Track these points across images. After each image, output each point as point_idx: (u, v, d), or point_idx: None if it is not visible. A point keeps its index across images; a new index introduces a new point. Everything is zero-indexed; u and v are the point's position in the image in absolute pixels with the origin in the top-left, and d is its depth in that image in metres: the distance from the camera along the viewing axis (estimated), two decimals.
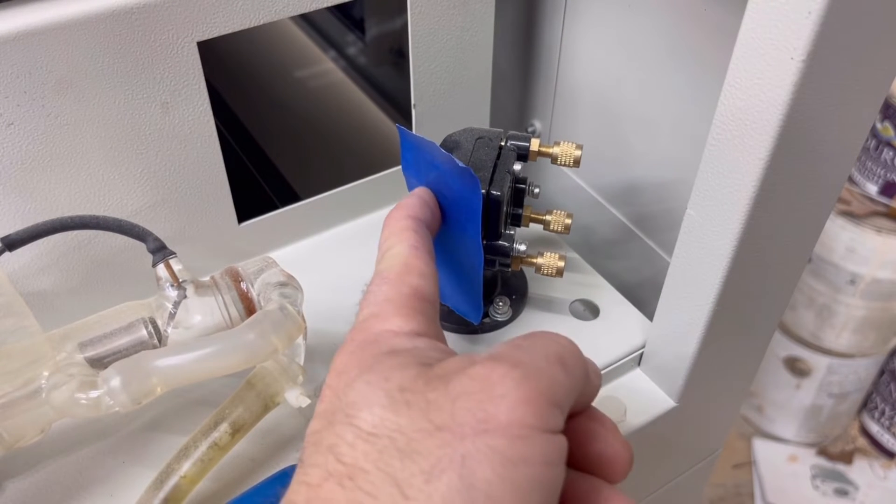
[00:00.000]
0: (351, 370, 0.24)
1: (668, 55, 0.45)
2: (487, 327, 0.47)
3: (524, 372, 0.22)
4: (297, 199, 0.52)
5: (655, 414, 0.45)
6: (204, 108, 0.43)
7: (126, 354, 0.37)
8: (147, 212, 0.45)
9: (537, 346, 0.24)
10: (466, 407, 0.22)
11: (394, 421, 0.22)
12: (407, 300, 0.28)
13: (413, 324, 0.27)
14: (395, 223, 0.32)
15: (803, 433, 1.26)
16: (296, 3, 0.42)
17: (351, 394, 0.23)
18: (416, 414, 0.22)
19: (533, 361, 0.23)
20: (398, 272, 0.29)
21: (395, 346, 0.25)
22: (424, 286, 0.28)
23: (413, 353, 0.25)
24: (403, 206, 0.33)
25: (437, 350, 0.26)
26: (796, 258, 0.42)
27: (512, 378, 0.22)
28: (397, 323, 0.27)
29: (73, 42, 0.37)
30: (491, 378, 0.22)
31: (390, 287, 0.28)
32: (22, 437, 0.36)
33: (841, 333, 1.13)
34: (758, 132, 0.32)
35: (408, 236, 0.31)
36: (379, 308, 0.27)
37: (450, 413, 0.22)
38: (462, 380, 0.22)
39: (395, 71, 0.64)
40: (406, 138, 0.38)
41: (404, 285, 0.28)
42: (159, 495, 0.36)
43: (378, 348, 0.25)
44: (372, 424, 0.22)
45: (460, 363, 0.23)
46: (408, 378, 0.23)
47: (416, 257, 0.30)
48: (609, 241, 0.55)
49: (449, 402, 0.22)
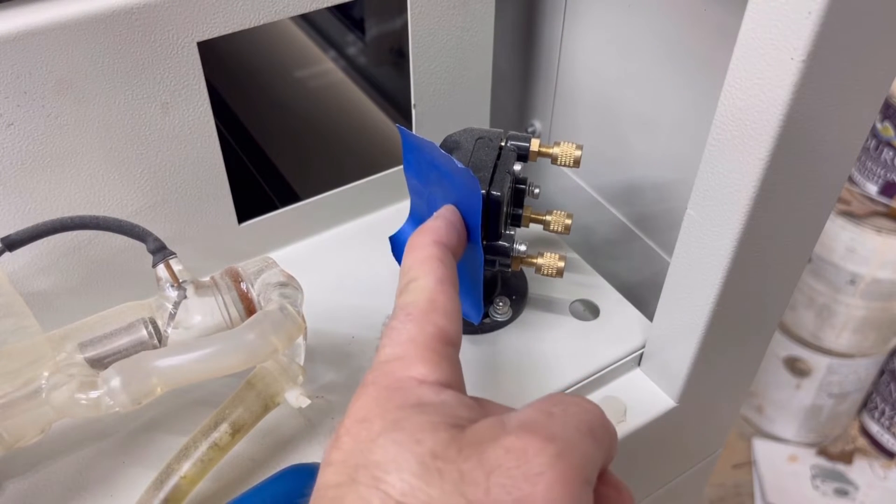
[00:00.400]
0: (374, 421, 0.23)
1: (669, 55, 0.45)
2: (487, 327, 0.47)
3: (559, 448, 0.22)
4: (297, 199, 0.52)
5: (655, 414, 0.45)
6: (204, 108, 0.43)
7: (126, 355, 0.37)
8: (147, 212, 0.45)
9: (569, 416, 0.24)
10: (501, 483, 0.21)
11: (425, 492, 0.21)
12: (432, 342, 0.26)
13: (438, 372, 0.25)
14: (419, 249, 0.30)
15: (803, 433, 1.26)
16: (296, 3, 0.42)
17: (377, 451, 0.22)
18: (448, 487, 0.21)
19: (566, 435, 0.23)
20: (423, 309, 0.27)
21: (423, 398, 0.24)
22: (449, 327, 0.27)
23: (441, 410, 0.24)
24: (430, 229, 0.31)
25: (465, 407, 0.25)
26: (796, 258, 0.42)
27: (548, 455, 0.22)
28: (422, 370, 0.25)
29: (73, 42, 0.37)
30: (527, 454, 0.22)
31: (414, 326, 0.27)
32: (22, 437, 0.36)
33: (841, 333, 1.13)
34: (758, 132, 0.32)
35: (434, 267, 0.29)
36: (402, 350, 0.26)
37: (484, 489, 0.21)
38: (496, 451, 0.22)
39: (395, 71, 0.64)
40: (406, 139, 0.38)
41: (429, 324, 0.27)
42: (159, 495, 0.36)
43: (404, 399, 0.24)
44: (401, 492, 0.21)
45: (492, 430, 0.23)
46: (440, 443, 0.22)
47: (442, 293, 0.28)
48: (609, 241, 0.55)
49: (483, 476, 0.21)
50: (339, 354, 0.45)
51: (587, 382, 0.45)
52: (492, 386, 0.44)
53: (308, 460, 0.40)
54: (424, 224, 0.32)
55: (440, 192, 0.38)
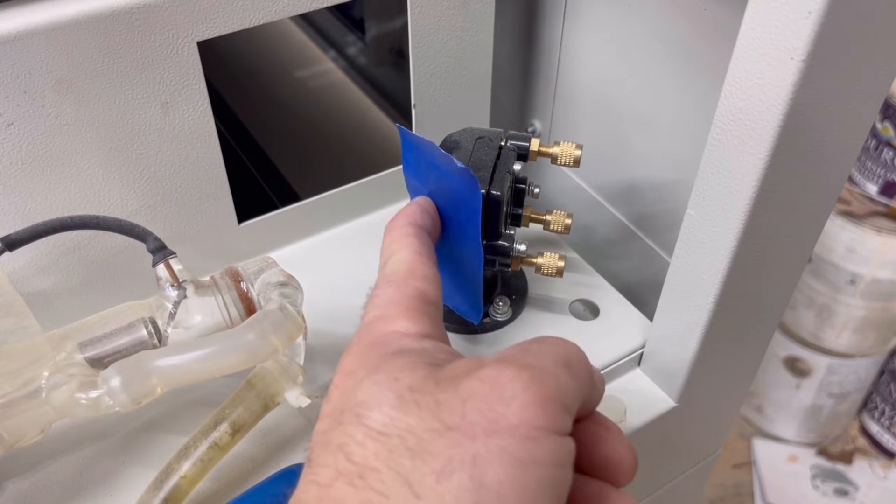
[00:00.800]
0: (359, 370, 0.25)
1: (669, 55, 0.45)
2: (487, 327, 0.47)
3: (532, 374, 0.23)
4: (297, 199, 0.52)
5: (655, 414, 0.45)
6: (204, 108, 0.43)
7: (126, 354, 0.37)
8: (147, 212, 0.45)
9: (545, 350, 0.25)
10: (477, 408, 0.22)
11: (404, 420, 0.22)
12: (412, 302, 0.28)
13: (419, 325, 0.27)
14: (397, 230, 0.32)
15: (803, 433, 1.26)
16: (296, 3, 0.42)
17: (360, 393, 0.24)
18: (426, 414, 0.22)
19: (541, 364, 0.23)
20: (403, 276, 0.29)
21: (403, 346, 0.26)
22: (429, 289, 0.29)
23: (421, 353, 0.25)
24: (404, 213, 0.34)
25: (444, 352, 0.26)
26: (796, 258, 0.42)
27: (521, 380, 0.22)
28: (403, 324, 0.27)
29: (73, 42, 0.37)
30: (500, 380, 0.22)
31: (395, 290, 0.28)
32: (22, 437, 0.36)
33: (841, 333, 1.13)
34: (758, 132, 0.32)
35: (411, 242, 0.31)
36: (384, 310, 0.28)
37: (460, 414, 0.22)
38: (472, 381, 0.23)
39: (395, 71, 0.64)
40: (406, 138, 0.38)
41: (409, 288, 0.28)
42: (159, 495, 0.36)
43: (385, 349, 0.25)
44: (382, 424, 0.22)
45: (469, 365, 0.24)
46: (417, 378, 0.23)
47: (420, 262, 0.30)
48: (609, 241, 0.55)
49: (459, 402, 0.22)
50: (339, 354, 0.45)
51: None
52: None
53: None
54: (399, 210, 0.34)
55: (440, 192, 0.38)
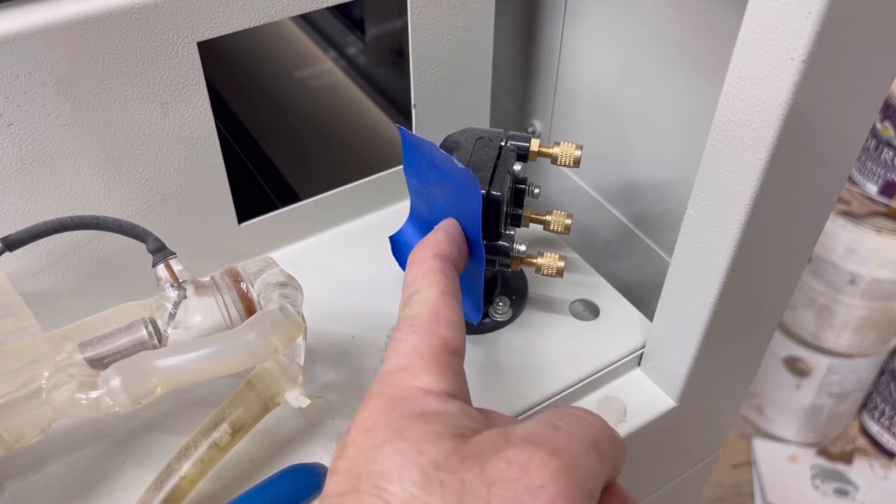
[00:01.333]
0: (379, 430, 0.24)
1: (668, 55, 0.45)
2: (487, 327, 0.47)
3: (562, 463, 0.22)
4: (297, 199, 0.52)
5: (655, 414, 0.45)
6: (204, 108, 0.43)
7: (126, 355, 0.37)
8: (147, 212, 0.45)
9: (575, 431, 0.24)
10: (502, 496, 0.21)
11: (426, 501, 0.21)
12: (436, 353, 0.26)
13: (443, 382, 0.26)
14: (421, 263, 0.30)
15: (803, 433, 1.26)
16: (296, 3, 0.42)
17: (381, 461, 0.23)
18: (449, 497, 0.21)
19: (570, 448, 0.23)
20: (426, 321, 0.27)
21: (426, 408, 0.24)
22: (453, 338, 0.27)
23: (444, 419, 0.24)
24: (430, 243, 0.32)
25: (470, 417, 0.25)
26: (796, 258, 0.42)
27: (550, 468, 0.22)
28: (427, 380, 0.26)
29: (73, 42, 0.37)
30: (529, 466, 0.22)
31: (419, 337, 0.27)
32: (22, 437, 0.36)
33: (841, 333, 1.13)
34: (758, 132, 0.32)
35: (437, 280, 0.29)
36: (407, 360, 0.26)
37: (485, 500, 0.21)
38: (499, 463, 0.22)
39: (395, 71, 0.64)
40: (406, 139, 0.38)
41: (433, 336, 0.27)
42: (159, 495, 0.36)
43: (409, 409, 0.24)
44: (403, 502, 0.21)
45: (496, 442, 0.23)
46: (442, 454, 0.22)
47: (445, 304, 0.28)
48: (609, 241, 0.55)
49: (484, 487, 0.21)
50: (339, 354, 0.45)
51: (587, 382, 0.45)
52: (492, 386, 0.44)
53: (308, 460, 0.40)
54: (425, 238, 0.33)
55: (440, 192, 0.38)
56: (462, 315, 0.29)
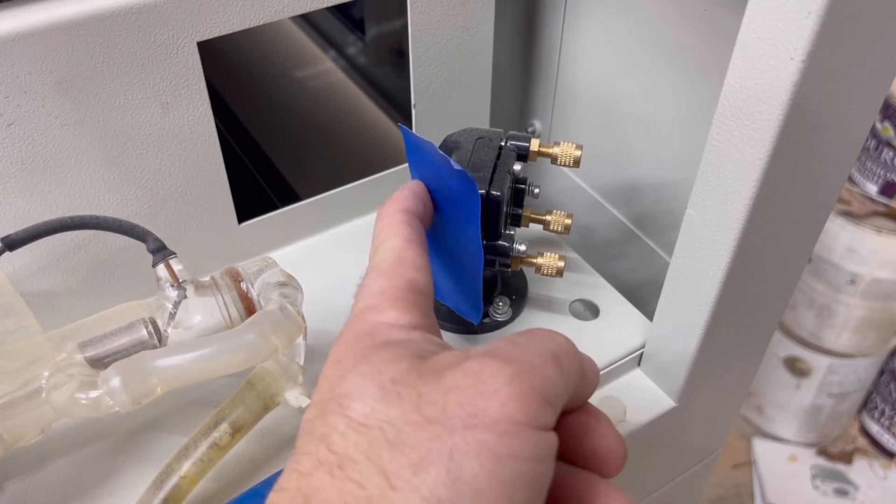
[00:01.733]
0: (346, 361, 0.25)
1: (668, 55, 0.45)
2: (487, 327, 0.47)
3: (517, 369, 0.23)
4: (297, 199, 0.52)
5: (655, 414, 0.45)
6: (204, 108, 0.43)
7: (126, 354, 0.37)
8: (147, 212, 0.45)
9: (533, 343, 0.24)
10: (457, 401, 0.22)
11: (385, 412, 0.22)
12: (402, 292, 0.28)
13: (408, 316, 0.27)
14: (388, 217, 0.32)
15: (803, 433, 1.26)
16: (296, 3, 0.42)
17: (345, 384, 0.24)
18: (407, 406, 0.22)
19: (527, 358, 0.23)
20: (392, 265, 0.29)
21: (390, 338, 0.26)
22: (419, 278, 0.29)
23: (407, 345, 0.25)
24: (396, 199, 0.33)
25: (432, 343, 0.26)
26: (796, 258, 0.42)
27: (504, 374, 0.22)
28: (393, 315, 0.27)
29: (73, 42, 0.37)
30: (483, 373, 0.22)
31: (385, 279, 0.28)
32: (22, 437, 0.36)
33: (841, 333, 1.13)
34: (758, 132, 0.32)
35: (401, 229, 0.31)
36: (374, 300, 0.28)
37: (441, 407, 0.22)
38: (455, 374, 0.23)
39: (395, 71, 0.64)
40: (408, 138, 0.38)
41: (399, 277, 0.28)
42: (159, 495, 0.36)
43: (373, 340, 0.25)
44: (363, 415, 0.22)
45: (454, 358, 0.24)
46: (401, 371, 0.23)
47: (410, 250, 0.30)
48: (609, 241, 0.55)
49: (440, 395, 0.22)
50: None
51: None
52: None
53: None
54: (392, 196, 0.34)
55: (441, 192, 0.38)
56: (427, 260, 0.30)
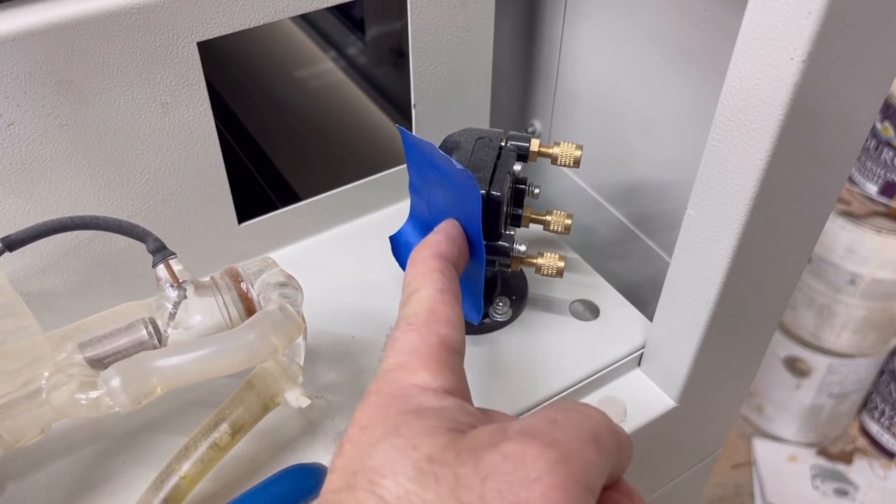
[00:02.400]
0: (375, 427, 0.23)
1: (668, 55, 0.45)
2: (487, 327, 0.47)
3: (559, 454, 0.21)
4: (297, 200, 0.52)
5: (655, 414, 0.45)
6: (204, 108, 0.43)
7: (126, 355, 0.37)
8: (147, 212, 0.45)
9: (572, 423, 0.23)
10: (497, 488, 0.21)
11: (419, 496, 0.21)
12: (434, 351, 0.26)
13: (441, 379, 0.25)
14: (421, 263, 0.30)
15: (803, 433, 1.26)
16: (296, 3, 0.42)
17: (375, 457, 0.22)
18: (443, 491, 0.21)
19: (567, 441, 0.22)
20: (424, 319, 0.27)
21: (423, 404, 0.24)
22: (452, 336, 0.27)
23: (441, 415, 0.24)
24: (430, 243, 0.32)
25: (466, 413, 0.25)
26: (796, 258, 0.42)
27: (546, 461, 0.21)
28: (424, 377, 0.25)
29: (73, 42, 0.37)
30: (525, 459, 0.21)
31: (416, 335, 0.27)
32: (22, 437, 0.36)
33: (841, 333, 1.13)
34: (758, 132, 0.32)
35: (435, 279, 0.29)
36: (405, 358, 0.26)
37: (479, 494, 0.21)
38: (494, 457, 0.21)
39: (395, 71, 0.64)
40: (406, 139, 0.38)
41: (431, 334, 0.27)
42: (159, 495, 0.36)
43: (404, 405, 0.24)
44: (396, 496, 0.21)
45: (492, 436, 0.22)
46: (437, 448, 0.22)
47: (444, 303, 0.28)
48: (609, 241, 0.55)
49: (479, 480, 0.21)
50: (339, 354, 0.45)
51: (587, 382, 0.45)
52: (492, 386, 0.44)
53: (308, 460, 0.40)
54: (425, 238, 0.33)
55: (440, 193, 0.38)
56: (462, 314, 0.29)
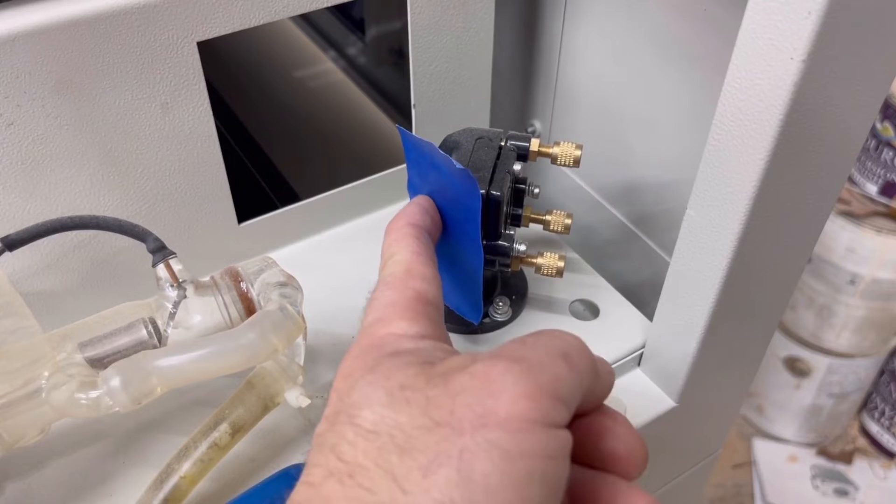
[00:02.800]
0: (355, 372, 0.25)
1: (669, 55, 0.45)
2: (487, 327, 0.47)
3: (525, 367, 0.23)
4: (297, 199, 0.52)
5: (655, 414, 0.45)
6: (204, 108, 0.43)
7: (126, 354, 0.37)
8: (147, 212, 0.45)
9: (541, 342, 0.24)
10: (466, 403, 0.22)
11: (393, 418, 0.22)
12: (411, 303, 0.28)
13: (417, 326, 0.27)
14: (396, 231, 0.32)
15: (803, 433, 1.26)
16: (296, 3, 0.42)
17: (354, 394, 0.24)
18: (415, 411, 0.22)
19: (535, 357, 0.23)
20: (401, 277, 0.29)
21: (399, 347, 0.26)
22: (428, 290, 0.29)
23: (416, 353, 0.25)
24: (403, 214, 0.34)
25: (441, 350, 0.26)
26: (796, 258, 0.42)
27: (512, 373, 0.22)
28: (402, 326, 0.27)
29: (73, 42, 0.37)
30: (491, 374, 0.22)
31: (394, 291, 0.28)
32: (22, 437, 0.36)
33: (841, 333, 1.13)
34: (758, 132, 0.32)
35: (409, 242, 0.31)
36: (383, 312, 0.28)
37: (449, 409, 0.22)
38: (462, 377, 0.23)
39: (395, 71, 0.64)
40: (406, 139, 0.38)
41: (408, 289, 0.28)
42: (159, 495, 0.36)
43: (382, 350, 0.26)
44: (372, 422, 0.22)
45: (462, 361, 0.24)
46: (409, 376, 0.23)
47: (419, 262, 0.30)
48: (609, 241, 0.55)
49: (449, 398, 0.22)
50: (339, 354, 0.45)
51: None
52: None
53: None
54: (399, 211, 0.34)
55: (440, 192, 0.38)
56: (436, 272, 0.30)
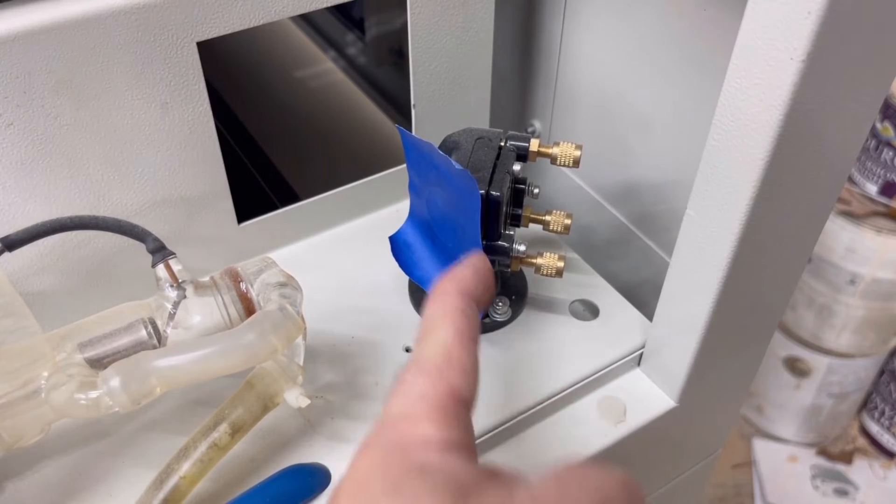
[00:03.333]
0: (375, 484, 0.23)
1: (668, 55, 0.45)
2: (487, 327, 0.47)
3: None
4: (297, 199, 0.52)
5: (655, 414, 0.45)
6: (204, 108, 0.43)
7: (126, 355, 0.37)
8: (147, 212, 0.45)
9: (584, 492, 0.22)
10: None
11: None
12: (443, 401, 0.25)
13: (447, 433, 0.24)
14: (443, 298, 0.29)
15: (803, 433, 1.26)
16: (296, 3, 0.42)
17: None
18: None
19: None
20: (437, 365, 0.26)
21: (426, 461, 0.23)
22: (463, 386, 0.26)
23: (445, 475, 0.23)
24: (455, 278, 0.30)
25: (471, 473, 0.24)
26: (796, 258, 0.42)
27: None
28: (429, 430, 0.24)
29: (73, 42, 0.37)
30: None
31: (427, 382, 0.26)
32: (22, 437, 0.36)
33: (841, 333, 1.13)
34: (758, 132, 0.32)
35: (455, 319, 0.28)
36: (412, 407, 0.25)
37: None
38: None
39: (395, 71, 0.64)
40: (406, 139, 0.38)
41: (443, 382, 0.26)
42: (159, 495, 0.36)
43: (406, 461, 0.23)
44: None
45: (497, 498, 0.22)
46: None
47: (460, 346, 0.27)
48: (609, 241, 0.55)
49: None
50: (338, 354, 0.45)
51: (587, 382, 0.45)
52: (492, 386, 0.44)
53: (308, 460, 0.40)
54: (452, 271, 0.31)
55: (440, 193, 0.38)
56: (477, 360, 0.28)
